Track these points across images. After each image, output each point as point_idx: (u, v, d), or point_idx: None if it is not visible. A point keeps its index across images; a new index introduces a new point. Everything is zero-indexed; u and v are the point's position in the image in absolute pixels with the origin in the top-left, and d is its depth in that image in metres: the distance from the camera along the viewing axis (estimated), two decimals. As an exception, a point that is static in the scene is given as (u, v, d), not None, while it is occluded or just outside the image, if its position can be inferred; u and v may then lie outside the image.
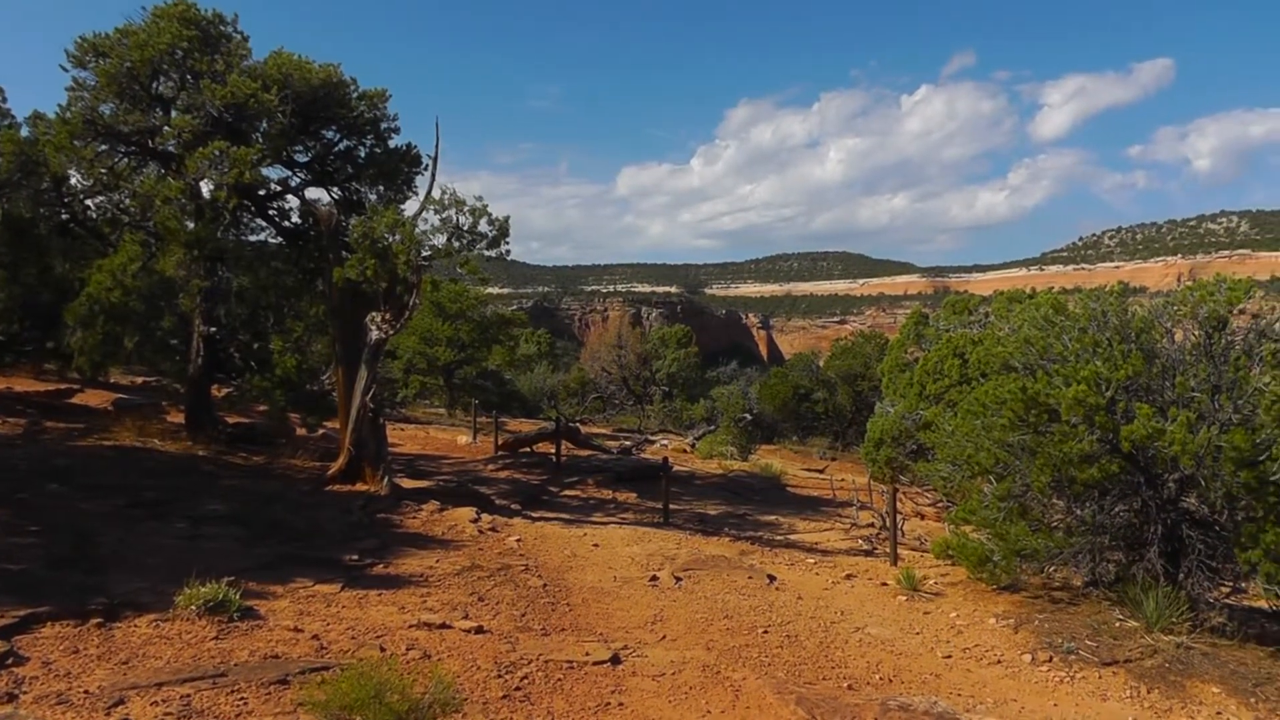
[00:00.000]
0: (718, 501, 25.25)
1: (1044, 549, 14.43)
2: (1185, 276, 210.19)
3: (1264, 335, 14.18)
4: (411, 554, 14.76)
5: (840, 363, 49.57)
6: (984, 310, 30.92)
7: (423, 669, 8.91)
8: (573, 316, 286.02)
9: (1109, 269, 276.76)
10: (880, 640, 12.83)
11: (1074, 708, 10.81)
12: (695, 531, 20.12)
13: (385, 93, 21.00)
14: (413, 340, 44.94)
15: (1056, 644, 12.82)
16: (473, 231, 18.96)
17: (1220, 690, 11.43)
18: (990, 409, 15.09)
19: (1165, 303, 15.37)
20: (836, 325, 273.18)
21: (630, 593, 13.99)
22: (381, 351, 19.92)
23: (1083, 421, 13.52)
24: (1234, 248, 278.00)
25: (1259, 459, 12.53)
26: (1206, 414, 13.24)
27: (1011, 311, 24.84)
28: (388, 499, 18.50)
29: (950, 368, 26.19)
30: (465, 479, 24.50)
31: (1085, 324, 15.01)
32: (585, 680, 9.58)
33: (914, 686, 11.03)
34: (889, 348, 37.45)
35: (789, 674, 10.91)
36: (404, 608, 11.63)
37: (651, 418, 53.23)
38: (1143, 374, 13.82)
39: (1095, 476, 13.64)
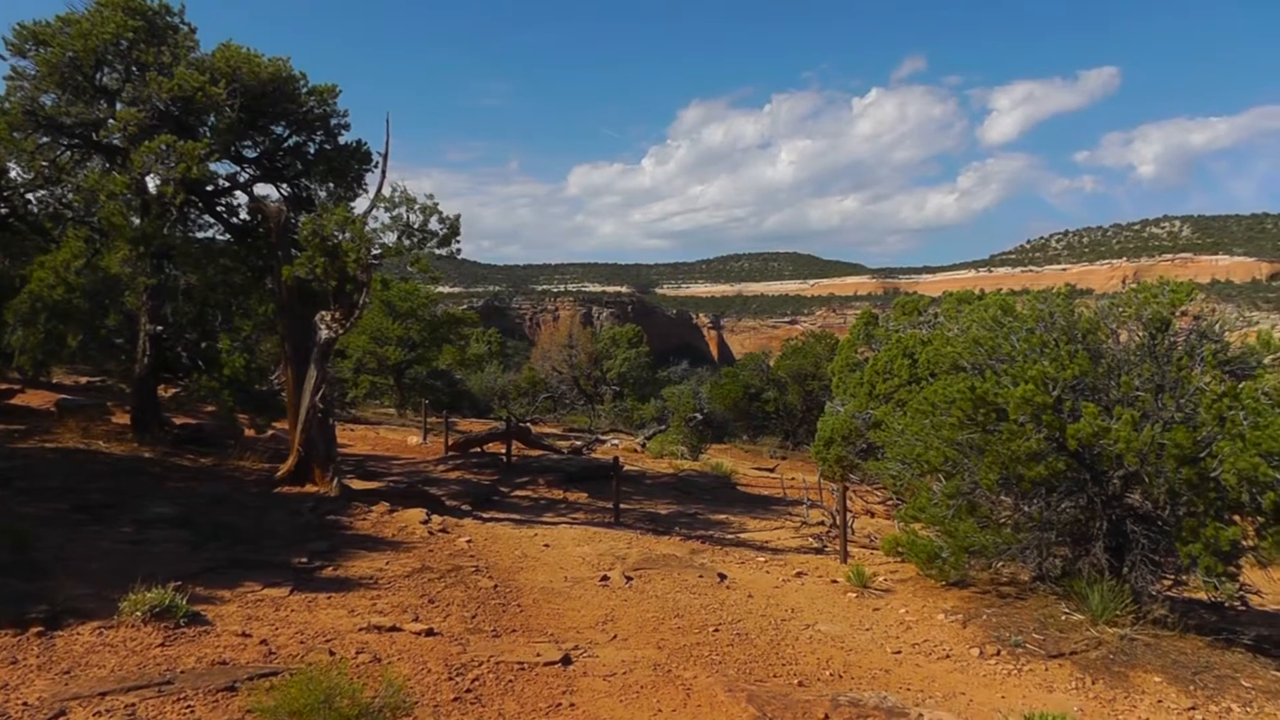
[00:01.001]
0: (668, 501, 25.28)
1: (992, 545, 14.62)
2: (1130, 279, 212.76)
3: (1205, 336, 14.45)
4: (361, 556, 14.66)
5: (791, 362, 49.69)
6: (933, 311, 31.17)
7: (373, 672, 8.85)
8: (524, 316, 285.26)
9: (1056, 271, 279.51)
10: (831, 637, 12.91)
11: (1021, 699, 10.95)
12: (646, 531, 20.13)
13: (335, 88, 20.78)
14: (363, 339, 44.66)
15: (1004, 638, 13.00)
16: (423, 230, 18.88)
17: (1162, 679, 11.75)
18: (939, 408, 15.22)
19: (1111, 304, 15.59)
20: (787, 325, 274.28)
21: (581, 593, 13.98)
22: (331, 351, 19.77)
23: (1030, 420, 13.69)
24: (1176, 251, 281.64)
25: (1200, 456, 12.77)
26: (1150, 413, 13.46)
27: (960, 312, 25.03)
28: (337, 500, 18.37)
29: (900, 367, 26.38)
30: (416, 480, 24.38)
31: (1033, 325, 15.20)
32: (536, 681, 9.56)
33: (864, 682, 11.11)
34: (839, 348, 37.68)
35: (740, 672, 10.95)
36: (354, 611, 11.55)
37: (602, 417, 53.18)
38: (1089, 374, 14.01)
39: (1042, 474, 13.83)
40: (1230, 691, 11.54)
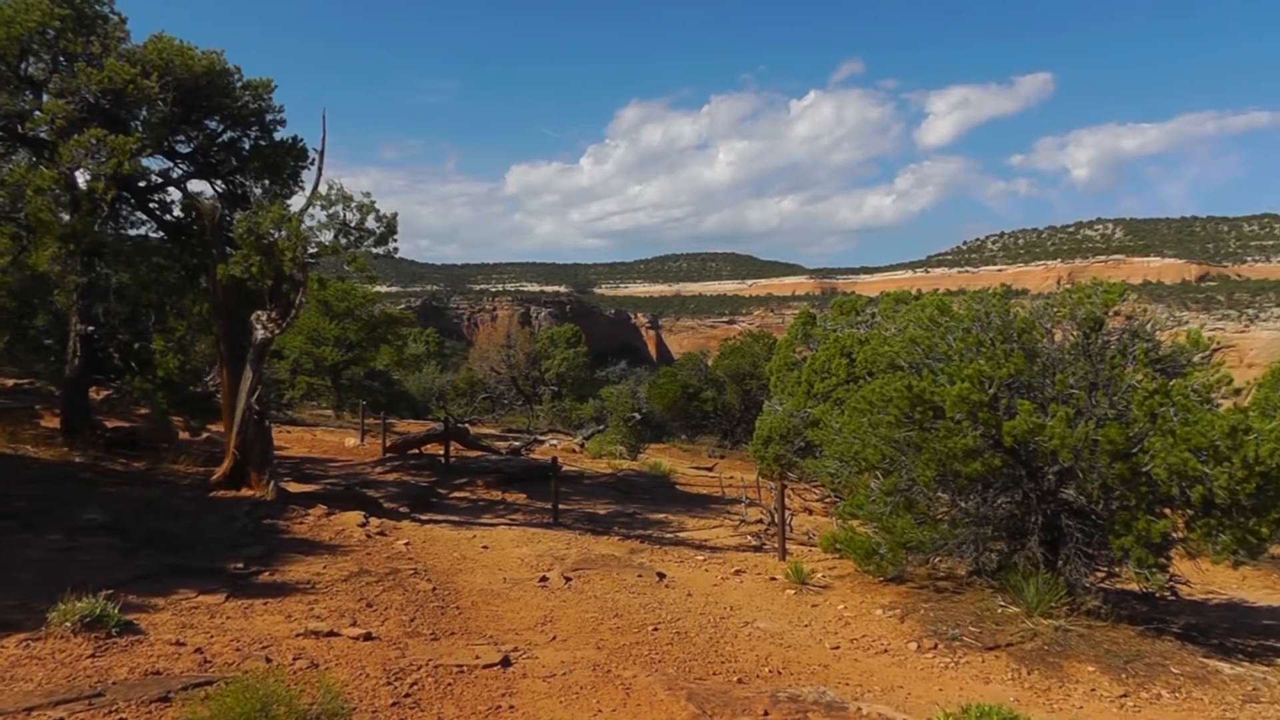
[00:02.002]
0: (607, 501, 25.25)
1: (929, 541, 14.79)
2: (1064, 280, 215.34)
3: (1137, 335, 14.72)
4: (298, 560, 14.47)
5: (729, 362, 49.77)
6: (871, 311, 31.40)
7: (310, 679, 8.73)
8: (461, 316, 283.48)
9: (992, 272, 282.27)
10: (769, 634, 12.97)
11: (958, 691, 11.10)
12: (585, 531, 20.10)
13: (270, 83, 20.42)
14: (299, 340, 44.19)
15: (941, 631, 13.16)
16: (360, 228, 18.67)
17: (1095, 669, 12.07)
18: (877, 407, 15.33)
19: (1046, 304, 15.82)
20: (725, 325, 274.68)
21: (520, 594, 13.93)
22: (267, 351, 19.51)
23: (967, 418, 13.84)
24: (1110, 253, 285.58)
25: (1132, 451, 13.02)
26: (1084, 410, 13.67)
27: (898, 312, 25.24)
28: (274, 504, 18.12)
29: (838, 367, 26.51)
30: (353, 482, 24.18)
31: (969, 324, 15.37)
32: (476, 684, 9.50)
33: (803, 678, 11.17)
34: (777, 347, 37.77)
35: (679, 670, 10.96)
36: (291, 616, 11.41)
37: (541, 418, 53.01)
38: (1024, 372, 14.19)
39: (979, 470, 13.99)
40: (1160, 678, 11.91)
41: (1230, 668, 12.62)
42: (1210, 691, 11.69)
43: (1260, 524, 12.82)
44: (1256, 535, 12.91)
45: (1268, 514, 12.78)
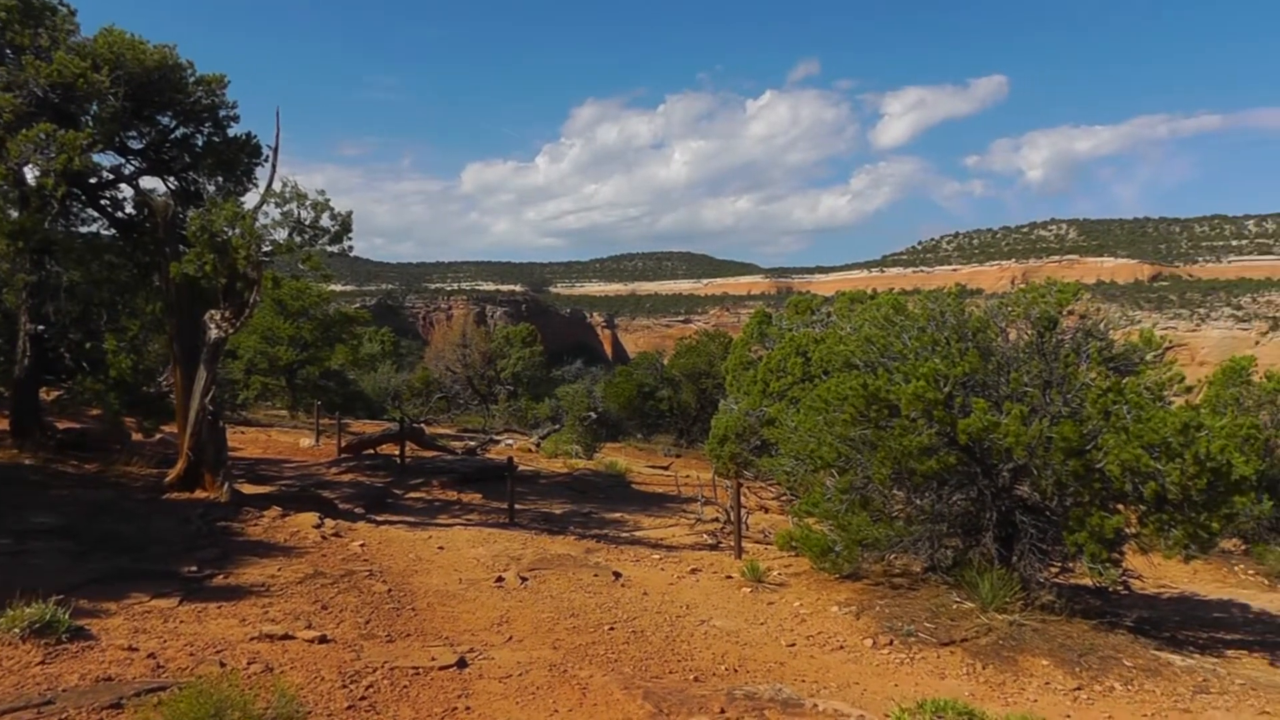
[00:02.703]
0: (563, 500, 25.21)
1: (885, 538, 14.88)
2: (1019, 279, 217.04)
3: (1091, 334, 14.89)
4: (253, 563, 14.35)
5: (684, 361, 49.84)
6: (826, 310, 31.50)
7: (265, 683, 8.67)
8: (417, 315, 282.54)
9: (947, 272, 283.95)
10: (726, 632, 12.99)
11: (914, 687, 11.17)
12: (541, 531, 20.06)
13: (224, 78, 20.12)
14: (253, 339, 43.78)
15: (897, 628, 13.25)
16: (315, 226, 18.49)
17: (1049, 662, 12.21)
18: (832, 405, 15.38)
19: (1000, 304, 15.95)
20: (681, 324, 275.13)
21: (476, 595, 13.88)
22: (221, 351, 19.30)
23: (922, 416, 13.92)
24: (1063, 253, 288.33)
25: (1086, 448, 13.16)
26: (1038, 407, 13.79)
27: (853, 311, 25.33)
28: (228, 506, 17.95)
29: (793, 366, 26.56)
30: (308, 483, 24.01)
31: (924, 323, 15.47)
32: (432, 686, 9.46)
33: (759, 675, 11.20)
34: (733, 346, 37.82)
35: (636, 669, 10.96)
36: (245, 620, 11.32)
37: (496, 417, 52.80)
38: (979, 371, 14.29)
39: (934, 468, 14.07)
40: (1113, 671, 12.08)
41: (1182, 660, 12.80)
42: (1162, 683, 11.85)
43: (1211, 519, 13.02)
44: (1208, 530, 13.10)
45: (1218, 509, 12.97)
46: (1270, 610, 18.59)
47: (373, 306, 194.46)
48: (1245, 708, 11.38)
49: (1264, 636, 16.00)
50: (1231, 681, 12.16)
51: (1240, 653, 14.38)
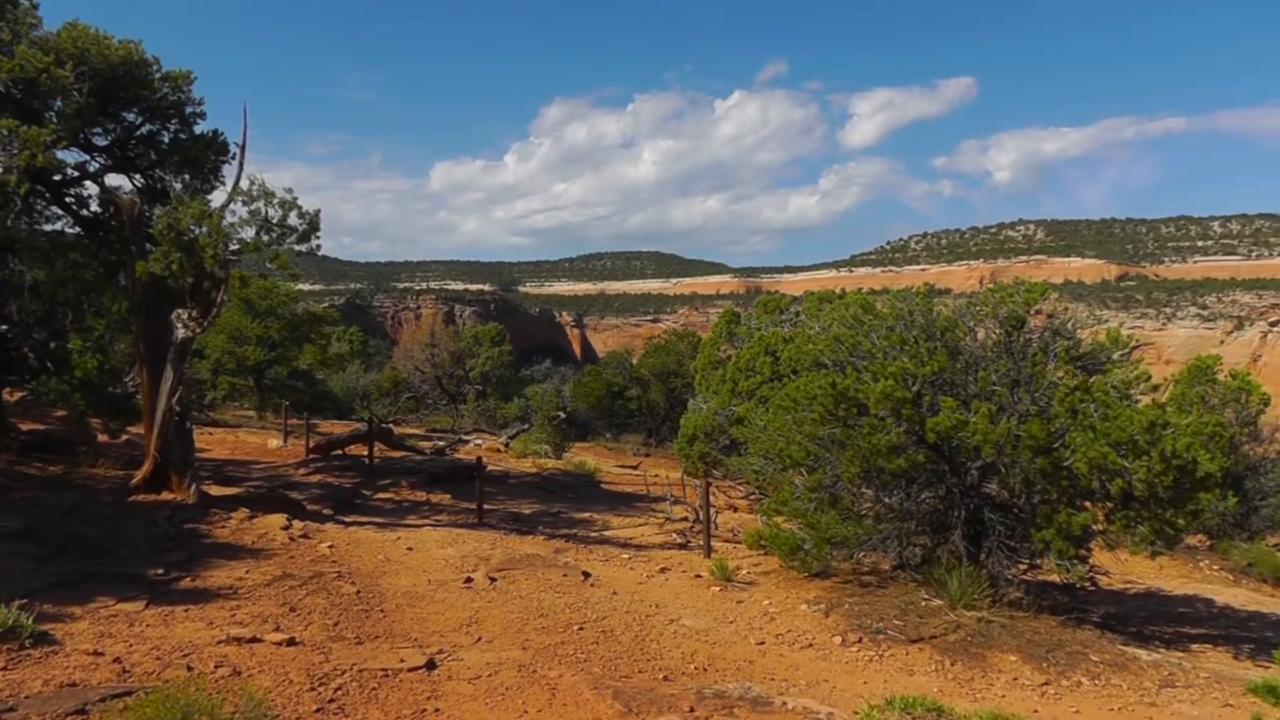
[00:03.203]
0: (532, 500, 25.16)
1: (854, 536, 14.94)
2: (987, 279, 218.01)
3: (1058, 333, 15.01)
4: (220, 565, 14.25)
5: (653, 360, 49.84)
6: (795, 309, 31.58)
7: (232, 687, 8.61)
8: (385, 314, 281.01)
9: (915, 271, 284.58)
10: (695, 631, 13.00)
11: (883, 684, 11.23)
12: (510, 531, 20.01)
13: (190, 75, 19.83)
14: (221, 339, 43.42)
15: (866, 625, 13.31)
16: (283, 225, 18.37)
17: (1017, 658, 12.34)
18: (801, 404, 15.41)
19: (968, 303, 16.05)
20: (650, 324, 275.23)
21: (445, 596, 13.84)
22: (188, 351, 19.15)
23: (890, 415, 13.98)
24: (1031, 253, 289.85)
25: (1053, 446, 13.28)
26: (1006, 406, 13.88)
27: (822, 311, 25.38)
28: (195, 508, 17.81)
29: (762, 365, 26.61)
30: (276, 484, 23.86)
31: (893, 323, 15.53)
32: (400, 688, 9.42)
33: (729, 674, 11.21)
34: (702, 346, 37.86)
35: (605, 669, 10.94)
36: (212, 623, 11.24)
37: (465, 417, 52.66)
38: (947, 370, 14.36)
39: (903, 466, 14.14)
40: (1080, 666, 12.24)
41: (1148, 654, 12.98)
42: (1129, 678, 12.02)
43: (1177, 515, 13.19)
44: (1173, 526, 13.27)
45: (1184, 506, 13.13)
46: (1234, 605, 18.83)
47: (341, 306, 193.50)
48: (1210, 701, 11.54)
49: (1228, 631, 16.21)
50: (1196, 675, 12.34)
51: (1205, 647, 14.59)
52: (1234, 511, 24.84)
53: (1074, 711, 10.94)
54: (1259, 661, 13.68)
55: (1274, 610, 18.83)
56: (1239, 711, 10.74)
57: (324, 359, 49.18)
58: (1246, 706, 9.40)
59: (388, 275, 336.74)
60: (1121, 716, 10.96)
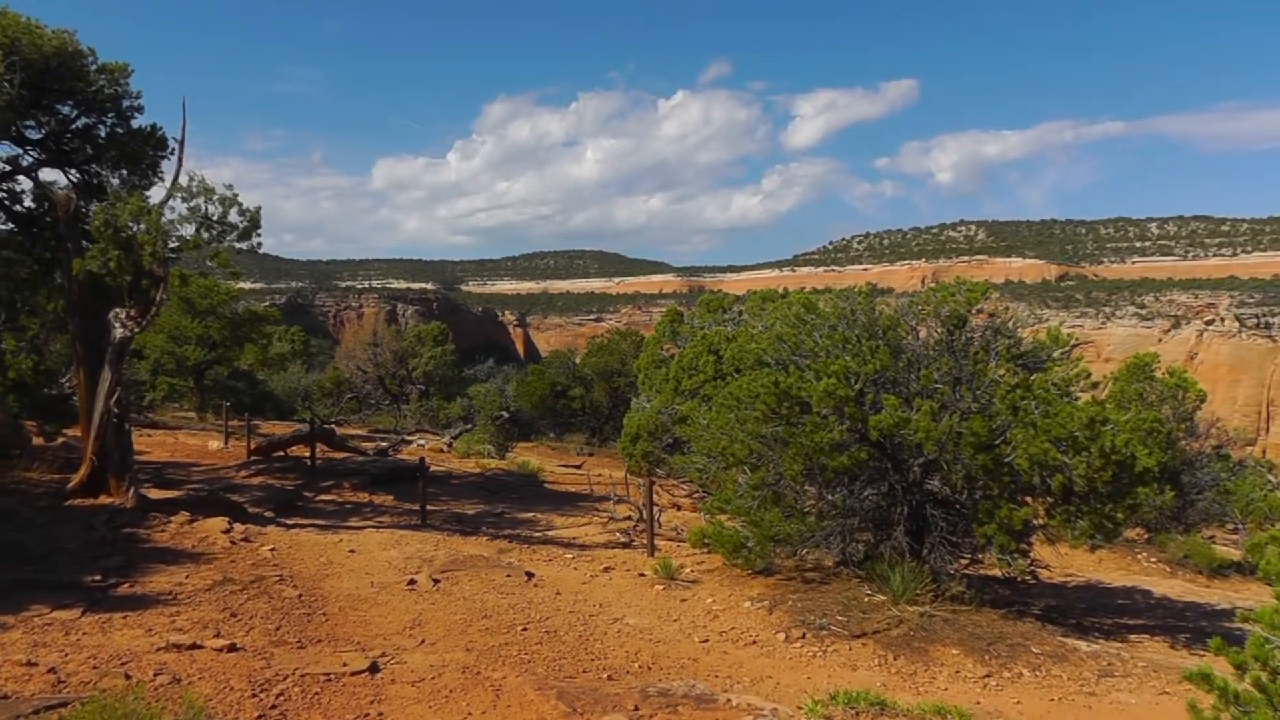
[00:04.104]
0: (475, 500, 25.09)
1: (797, 533, 15.03)
2: (929, 279, 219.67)
3: (999, 332, 15.18)
4: (160, 570, 14.07)
5: (597, 360, 49.85)
6: (738, 309, 31.67)
7: (172, 695, 8.51)
8: (327, 313, 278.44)
9: (858, 271, 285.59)
10: (639, 630, 13.01)
11: (826, 679, 11.30)
12: (453, 532, 19.93)
13: (127, 67, 19.46)
14: (160, 339, 42.86)
15: (809, 621, 13.39)
16: (223, 222, 18.16)
17: (959, 651, 12.49)
18: (744, 403, 15.46)
19: (911, 302, 16.21)
20: (593, 323, 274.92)
21: (388, 598, 13.76)
22: (127, 351, 18.86)
23: (833, 413, 14.06)
24: (973, 254, 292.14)
25: (995, 443, 13.43)
26: (948, 404, 14.01)
27: (765, 310, 25.50)
28: (134, 512, 17.55)
29: (705, 364, 26.65)
30: (217, 487, 23.60)
31: (835, 321, 15.64)
32: (343, 692, 9.36)
33: (673, 672, 11.24)
34: (645, 345, 37.92)
35: (549, 669, 10.93)
36: (151, 630, 11.09)
37: (408, 417, 52.37)
38: (890, 368, 14.47)
39: (845, 464, 14.23)
40: (1022, 658, 12.43)
41: (1087, 645, 13.22)
42: (1069, 668, 12.23)
43: (1116, 509, 13.43)
44: (1113, 520, 13.51)
45: (1123, 500, 13.38)
46: (1171, 596, 19.17)
47: (282, 305, 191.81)
48: (1147, 689, 11.80)
49: (1165, 621, 16.53)
50: (1135, 664, 12.60)
51: (1143, 637, 14.88)
52: (1171, 505, 25.40)
53: (1015, 702, 11.07)
54: (1195, 650, 13.96)
55: (1209, 600, 19.18)
56: (1175, 699, 10.91)
57: (265, 359, 48.76)
58: (1182, 694, 9.53)
59: (330, 274, 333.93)
60: (1061, 706, 11.11)
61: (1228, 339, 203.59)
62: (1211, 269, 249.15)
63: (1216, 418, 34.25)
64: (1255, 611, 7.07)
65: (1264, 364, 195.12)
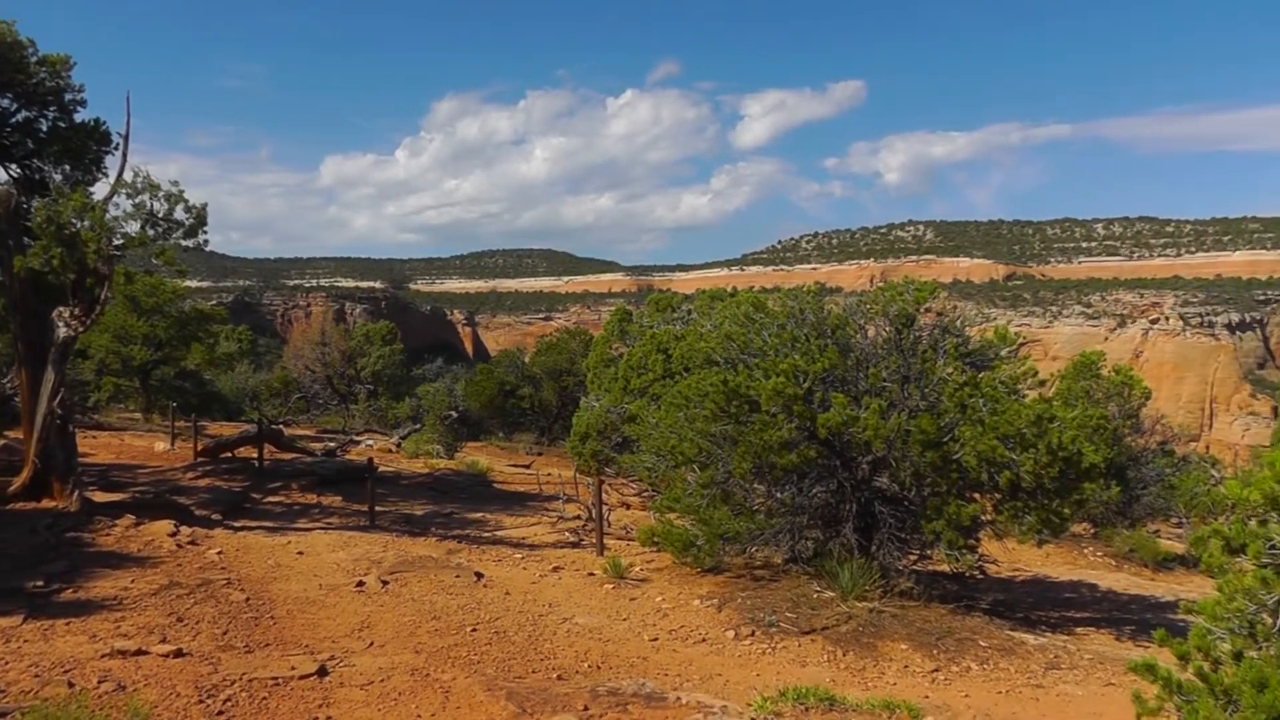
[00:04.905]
0: (424, 501, 24.98)
1: (746, 531, 15.09)
2: (877, 278, 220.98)
3: (947, 331, 15.32)
4: (105, 575, 13.89)
5: (546, 359, 49.77)
6: (687, 308, 31.72)
7: (117, 703, 8.41)
8: (275, 312, 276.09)
9: (807, 270, 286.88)
10: (588, 629, 13.01)
11: (776, 676, 11.36)
12: (402, 533, 19.84)
13: (68, 59, 19.16)
14: (105, 338, 42.28)
15: (759, 619, 13.45)
16: (168, 219, 17.97)
17: (908, 646, 12.63)
18: (693, 401, 15.49)
19: (859, 301, 16.34)
20: (542, 322, 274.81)
21: (337, 600, 13.67)
22: (70, 351, 18.62)
23: (782, 411, 14.11)
24: (921, 253, 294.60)
25: (943, 440, 13.55)
26: (897, 401, 14.12)
27: (714, 309, 25.54)
28: (78, 515, 17.32)
29: (654, 363, 26.66)
30: (163, 489, 23.35)
31: (784, 320, 15.71)
32: (291, 696, 9.29)
33: (623, 671, 11.26)
34: (594, 344, 37.92)
35: (498, 670, 10.91)
36: (96, 636, 10.95)
37: (357, 417, 52.06)
38: (838, 366, 14.55)
39: (794, 462, 14.30)
40: (970, 652, 12.59)
41: (1034, 639, 13.40)
42: (1016, 661, 12.42)
43: (1063, 505, 13.63)
44: (1060, 515, 13.71)
45: (1070, 496, 13.57)
46: (1116, 589, 19.44)
47: (229, 303, 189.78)
48: (1093, 680, 12.02)
49: (1110, 614, 16.76)
50: (1081, 656, 12.81)
51: (1089, 630, 15.10)
52: (1117, 500, 25.79)
53: (963, 695, 11.18)
54: (1140, 642, 14.20)
55: (1154, 593, 19.45)
56: (1121, 690, 11.03)
57: (212, 359, 48.20)
58: (1127, 685, 9.62)
59: (277, 272, 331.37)
60: (1009, 699, 11.25)
61: (1172, 337, 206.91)
62: (1156, 269, 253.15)
63: (1161, 414, 34.79)
64: (1198, 603, 7.19)
65: (1207, 362, 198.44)
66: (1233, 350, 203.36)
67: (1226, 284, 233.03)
